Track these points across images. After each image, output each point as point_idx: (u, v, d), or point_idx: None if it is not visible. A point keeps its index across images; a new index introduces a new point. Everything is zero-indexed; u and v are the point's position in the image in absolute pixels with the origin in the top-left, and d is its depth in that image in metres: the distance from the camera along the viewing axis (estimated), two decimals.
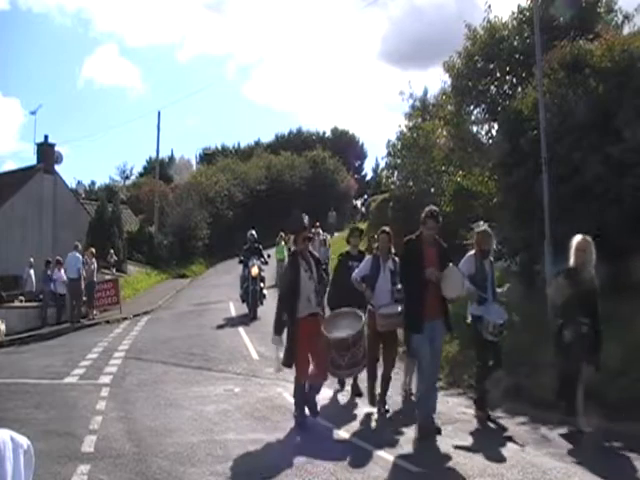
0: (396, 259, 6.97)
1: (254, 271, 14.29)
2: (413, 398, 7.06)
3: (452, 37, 40.66)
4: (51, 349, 12.53)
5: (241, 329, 13.00)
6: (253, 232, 15.59)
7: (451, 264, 6.13)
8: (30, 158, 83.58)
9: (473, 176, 15.07)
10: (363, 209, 43.86)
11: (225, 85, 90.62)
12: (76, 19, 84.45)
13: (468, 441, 5.74)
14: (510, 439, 5.78)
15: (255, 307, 14.02)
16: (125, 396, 7.89)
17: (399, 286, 6.61)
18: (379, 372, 7.04)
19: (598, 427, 5.80)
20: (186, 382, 8.65)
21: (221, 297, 18.75)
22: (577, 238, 6.10)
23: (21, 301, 17.27)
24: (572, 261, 6.07)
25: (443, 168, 16.83)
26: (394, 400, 7.27)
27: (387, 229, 7.24)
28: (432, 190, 17.81)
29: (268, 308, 13.64)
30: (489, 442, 5.68)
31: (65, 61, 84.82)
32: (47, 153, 23.88)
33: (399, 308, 6.49)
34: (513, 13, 14.43)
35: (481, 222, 14.71)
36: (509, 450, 5.46)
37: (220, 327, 13.61)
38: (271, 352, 10.64)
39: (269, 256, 19.64)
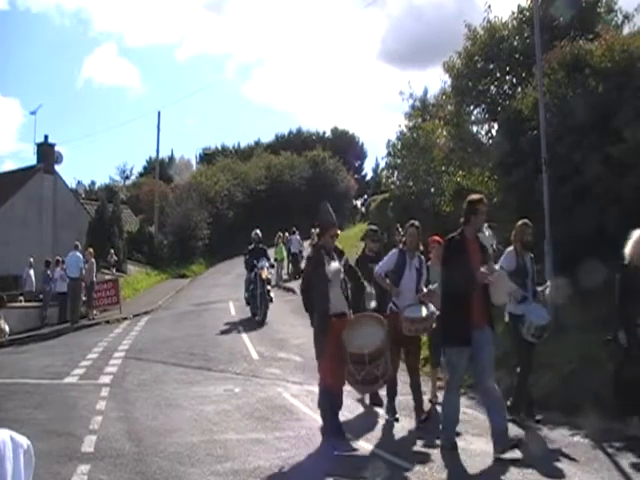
0: (422, 257, 6.56)
1: (264, 273, 13.57)
2: (438, 408, 6.65)
3: (451, 37, 40.65)
4: (51, 349, 12.53)
5: (241, 329, 13.00)
6: (258, 232, 14.96)
7: (497, 266, 5.76)
8: (30, 158, 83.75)
9: (473, 176, 15.06)
10: (363, 209, 43.89)
11: (225, 85, 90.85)
12: (75, 19, 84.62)
13: (468, 441, 5.73)
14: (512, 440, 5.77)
15: (266, 310, 13.36)
16: (125, 396, 7.88)
17: (432, 286, 6.22)
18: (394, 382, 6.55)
19: (598, 427, 5.80)
20: (186, 382, 8.64)
21: (221, 297, 18.76)
22: (638, 232, 5.82)
23: (21, 301, 17.28)
24: (631, 256, 5.78)
25: (443, 168, 16.83)
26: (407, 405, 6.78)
27: (416, 223, 6.60)
28: (432, 190, 17.82)
29: (272, 312, 13.59)
30: (490, 442, 5.67)
31: (64, 61, 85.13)
32: (47, 153, 23.91)
33: (424, 311, 6.05)
34: (513, 13, 14.43)
35: (485, 224, 14.76)
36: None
37: (221, 328, 13.60)
38: (271, 352, 10.69)
39: (276, 259, 19.08)
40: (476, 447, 5.53)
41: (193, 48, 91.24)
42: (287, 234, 22.54)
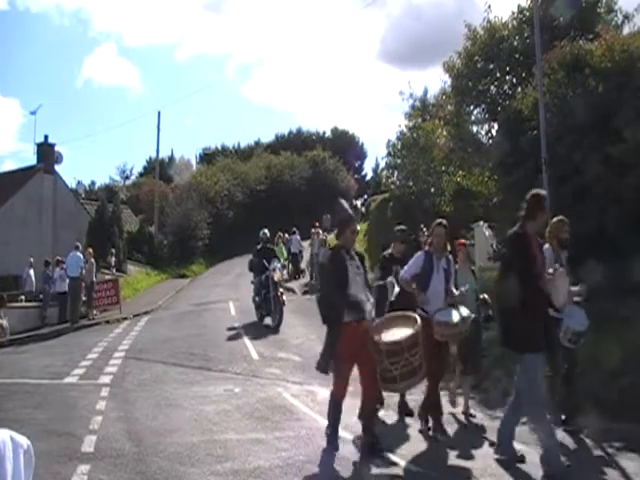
0: (450, 257, 6.14)
1: (277, 276, 12.91)
2: (474, 421, 6.40)
3: (451, 37, 40.68)
4: (51, 349, 12.53)
5: (241, 328, 13.00)
6: (266, 231, 14.26)
7: (558, 265, 5.46)
8: (29, 158, 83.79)
9: (473, 176, 15.08)
10: (363, 209, 43.88)
11: (225, 85, 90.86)
12: (75, 19, 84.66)
13: (468, 441, 5.73)
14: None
15: (281, 315, 12.53)
16: (125, 396, 7.89)
17: (463, 289, 5.94)
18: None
19: (598, 427, 5.80)
20: (186, 382, 8.64)
21: (221, 297, 18.76)
22: None
23: (21, 301, 17.28)
24: None
25: (443, 168, 16.85)
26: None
27: (444, 221, 6.16)
28: (432, 190, 17.84)
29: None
30: (489, 442, 5.68)
31: (64, 61, 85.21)
32: (47, 153, 23.92)
33: (456, 316, 5.67)
34: (513, 13, 14.44)
35: (481, 222, 14.82)
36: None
37: (221, 328, 13.59)
38: (271, 352, 10.68)
39: (286, 259, 18.08)
40: (476, 447, 5.53)
41: (193, 48, 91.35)
42: (287, 234, 22.54)
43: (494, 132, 14.52)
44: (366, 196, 47.25)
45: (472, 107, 14.85)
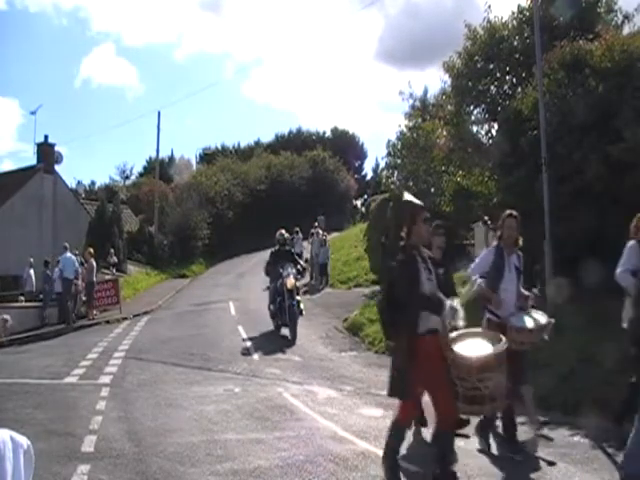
0: (520, 254, 5.49)
1: (290, 283, 11.68)
2: (546, 435, 5.73)
3: (449, 37, 40.71)
4: (51, 349, 12.53)
5: (240, 328, 13.00)
6: (283, 232, 13.14)
7: None
8: (28, 158, 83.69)
9: (473, 176, 15.06)
10: (363, 209, 43.90)
11: (224, 85, 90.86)
12: (73, 18, 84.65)
13: (468, 441, 5.73)
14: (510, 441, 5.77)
15: (295, 326, 11.55)
16: (125, 396, 7.89)
17: (535, 290, 5.46)
18: None
19: (598, 427, 5.79)
20: (186, 382, 8.65)
21: (221, 297, 18.76)
22: None
23: (22, 301, 17.29)
24: None
25: (443, 168, 16.84)
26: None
27: (514, 212, 5.53)
28: (432, 190, 17.82)
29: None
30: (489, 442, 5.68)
31: (62, 61, 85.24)
32: (47, 153, 23.92)
33: (531, 321, 5.14)
34: (513, 13, 14.43)
35: (481, 222, 14.80)
36: (509, 450, 5.44)
37: (221, 328, 13.60)
38: (270, 351, 10.69)
39: (307, 260, 16.80)
40: (476, 447, 5.53)
41: (191, 47, 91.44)
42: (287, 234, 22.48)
43: (494, 132, 14.51)
44: (366, 196, 47.26)
45: (472, 107, 14.84)
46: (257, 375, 9.01)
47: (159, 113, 30.90)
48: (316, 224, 22.57)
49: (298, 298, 11.86)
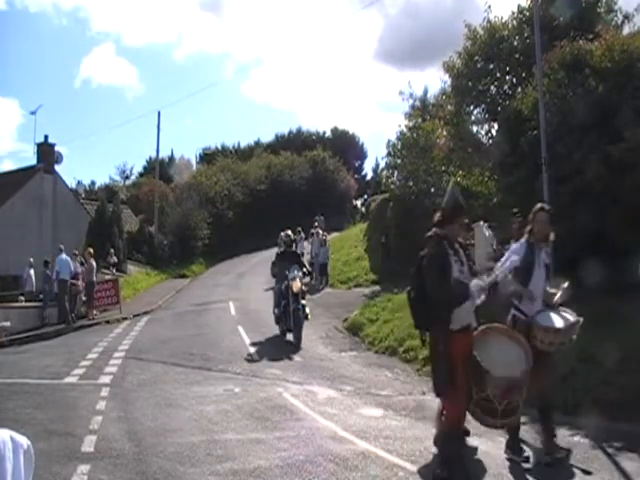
0: (549, 250, 5.33)
1: (296, 286, 11.24)
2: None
3: (449, 37, 40.70)
4: (51, 349, 12.53)
5: (240, 328, 13.00)
6: (289, 232, 12.85)
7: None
8: (28, 158, 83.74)
9: (473, 176, 15.07)
10: (363, 209, 43.89)
11: (224, 85, 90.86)
12: (72, 18, 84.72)
13: (468, 441, 5.73)
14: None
15: (300, 332, 11.08)
16: (125, 396, 7.89)
17: (564, 285, 5.14)
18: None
19: (598, 427, 5.80)
20: (186, 382, 8.65)
21: (221, 297, 18.77)
22: None
23: (22, 301, 17.29)
24: None
25: (443, 168, 16.84)
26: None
27: (546, 206, 5.35)
28: (432, 190, 17.82)
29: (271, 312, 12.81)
30: (489, 442, 5.68)
31: (62, 61, 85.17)
32: (47, 153, 23.93)
33: (560, 320, 4.95)
34: (513, 13, 14.43)
35: (481, 222, 14.80)
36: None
37: (221, 328, 13.60)
38: (271, 351, 10.68)
39: (312, 264, 15.91)
40: (476, 447, 5.52)
41: (191, 47, 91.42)
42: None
43: (494, 132, 14.51)
44: (366, 196, 47.26)
45: (472, 107, 14.84)
46: (257, 375, 9.01)
47: (159, 113, 30.93)
48: (316, 224, 22.56)
49: (303, 302, 11.31)
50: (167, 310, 17.71)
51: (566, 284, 5.15)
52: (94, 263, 17.13)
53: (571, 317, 5.02)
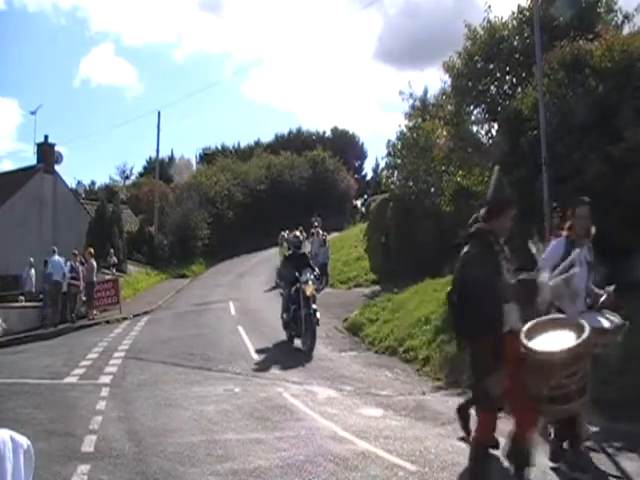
0: (591, 247, 4.98)
1: (309, 290, 10.71)
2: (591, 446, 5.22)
3: (448, 37, 40.70)
4: (51, 349, 12.54)
5: (240, 328, 13.00)
6: (297, 234, 12.33)
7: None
8: (27, 158, 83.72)
9: (473, 176, 15.06)
10: (363, 209, 43.89)
11: (224, 85, 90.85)
12: (71, 18, 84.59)
13: (468, 441, 5.73)
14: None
15: (313, 338, 10.47)
16: (125, 396, 7.89)
17: (610, 288, 4.84)
18: None
19: (598, 427, 5.79)
20: (186, 382, 8.65)
21: (221, 297, 18.77)
22: None
23: (21, 301, 17.28)
24: None
25: (443, 168, 16.83)
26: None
27: (586, 199, 4.99)
28: (432, 190, 17.82)
29: (271, 312, 13.01)
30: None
31: (61, 61, 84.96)
32: (47, 153, 23.93)
33: (606, 321, 4.69)
34: (513, 13, 14.42)
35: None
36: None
37: (221, 328, 13.60)
38: (271, 352, 10.68)
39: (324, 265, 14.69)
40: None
41: (191, 47, 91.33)
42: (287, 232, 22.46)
43: (494, 132, 14.50)
44: (366, 196, 47.25)
45: (472, 107, 14.83)
46: (257, 375, 9.02)
47: (159, 113, 30.92)
48: (316, 224, 22.56)
49: (314, 306, 10.74)
50: (167, 310, 17.72)
51: (612, 287, 4.89)
52: (94, 263, 17.14)
53: (616, 319, 4.80)
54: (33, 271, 18.51)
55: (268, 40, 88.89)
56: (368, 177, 55.52)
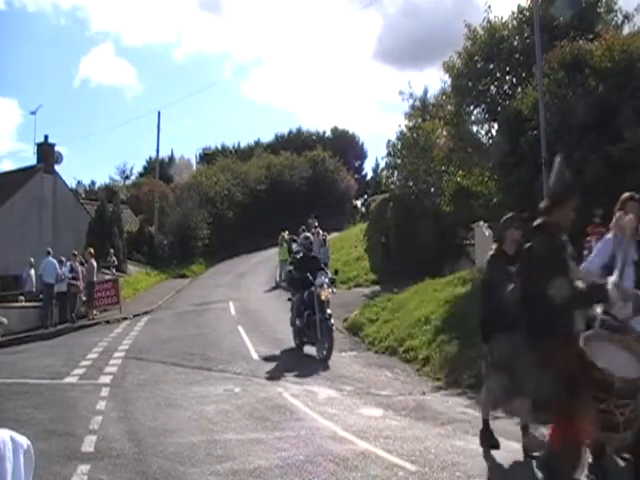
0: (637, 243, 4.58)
1: (325, 294, 10.21)
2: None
3: (449, 37, 40.68)
4: (51, 349, 12.54)
5: (240, 328, 13.00)
6: (308, 235, 11.79)
7: None
8: (27, 158, 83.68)
9: (473, 176, 15.07)
10: (363, 209, 43.90)
11: (224, 85, 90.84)
12: (71, 18, 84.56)
13: (468, 441, 5.73)
14: (510, 438, 5.77)
15: (331, 344, 9.85)
16: (125, 396, 7.89)
17: None
18: None
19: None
20: (186, 382, 8.65)
21: (221, 297, 18.77)
22: None
23: (21, 301, 17.28)
24: None
25: (443, 168, 16.84)
26: None
27: (636, 195, 4.72)
28: (432, 190, 17.83)
29: (271, 312, 13.02)
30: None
31: (61, 61, 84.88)
32: (47, 153, 23.92)
33: None
34: (513, 13, 14.44)
35: (481, 222, 14.80)
36: (509, 450, 5.45)
37: (221, 328, 13.60)
38: (271, 352, 10.67)
39: (337, 272, 13.43)
40: (476, 447, 5.52)
41: (191, 47, 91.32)
42: (286, 233, 22.44)
43: (494, 132, 14.51)
44: (366, 196, 47.26)
45: (472, 107, 14.84)
46: (257, 375, 9.01)
47: (159, 113, 30.92)
48: (316, 224, 22.55)
49: (329, 311, 10.26)
50: (167, 310, 17.72)
51: None
52: (94, 263, 17.13)
53: None
54: (33, 271, 18.51)
55: (268, 40, 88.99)
56: (368, 177, 55.57)
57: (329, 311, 10.24)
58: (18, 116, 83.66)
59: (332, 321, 10.24)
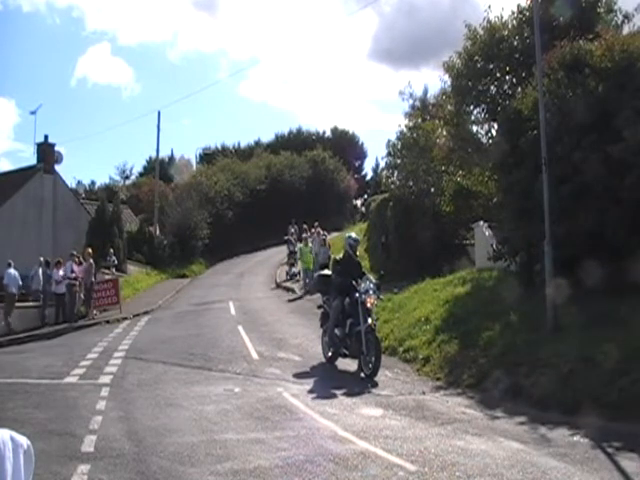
0: None
1: (371, 301, 9.14)
2: None
3: (446, 36, 40.65)
4: (51, 349, 12.54)
5: (240, 328, 13.00)
6: (353, 235, 10.83)
7: None
8: (25, 158, 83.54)
9: (473, 176, 15.08)
10: (363, 209, 43.90)
11: (223, 85, 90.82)
12: (67, 17, 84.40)
13: (468, 441, 5.74)
14: (510, 438, 5.78)
15: (379, 358, 8.75)
16: (125, 396, 7.89)
17: None
18: None
19: (598, 427, 5.80)
20: (186, 382, 8.65)
21: (221, 297, 18.77)
22: None
23: (23, 301, 17.26)
24: None
25: (443, 168, 16.86)
26: None
27: None
28: (432, 190, 17.83)
29: (271, 312, 13.16)
30: (489, 442, 5.68)
31: (57, 60, 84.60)
32: (47, 153, 23.90)
33: None
34: (513, 13, 14.44)
35: (481, 222, 14.81)
36: (509, 450, 5.46)
37: (221, 327, 13.60)
38: (271, 352, 10.67)
39: (382, 276, 12.98)
40: (476, 447, 5.53)
41: (186, 46, 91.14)
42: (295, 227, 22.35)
43: (494, 132, 14.51)
44: (366, 196, 47.26)
45: (472, 107, 14.85)
46: (257, 375, 9.02)
47: (159, 113, 30.90)
48: (316, 223, 22.53)
49: (375, 321, 9.31)
50: (167, 310, 17.72)
51: None
52: (93, 262, 17.13)
53: None
54: (41, 270, 18.45)
55: (264, 39, 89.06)
56: (368, 177, 55.58)
57: (374, 321, 9.20)
58: (15, 116, 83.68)
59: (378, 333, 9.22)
